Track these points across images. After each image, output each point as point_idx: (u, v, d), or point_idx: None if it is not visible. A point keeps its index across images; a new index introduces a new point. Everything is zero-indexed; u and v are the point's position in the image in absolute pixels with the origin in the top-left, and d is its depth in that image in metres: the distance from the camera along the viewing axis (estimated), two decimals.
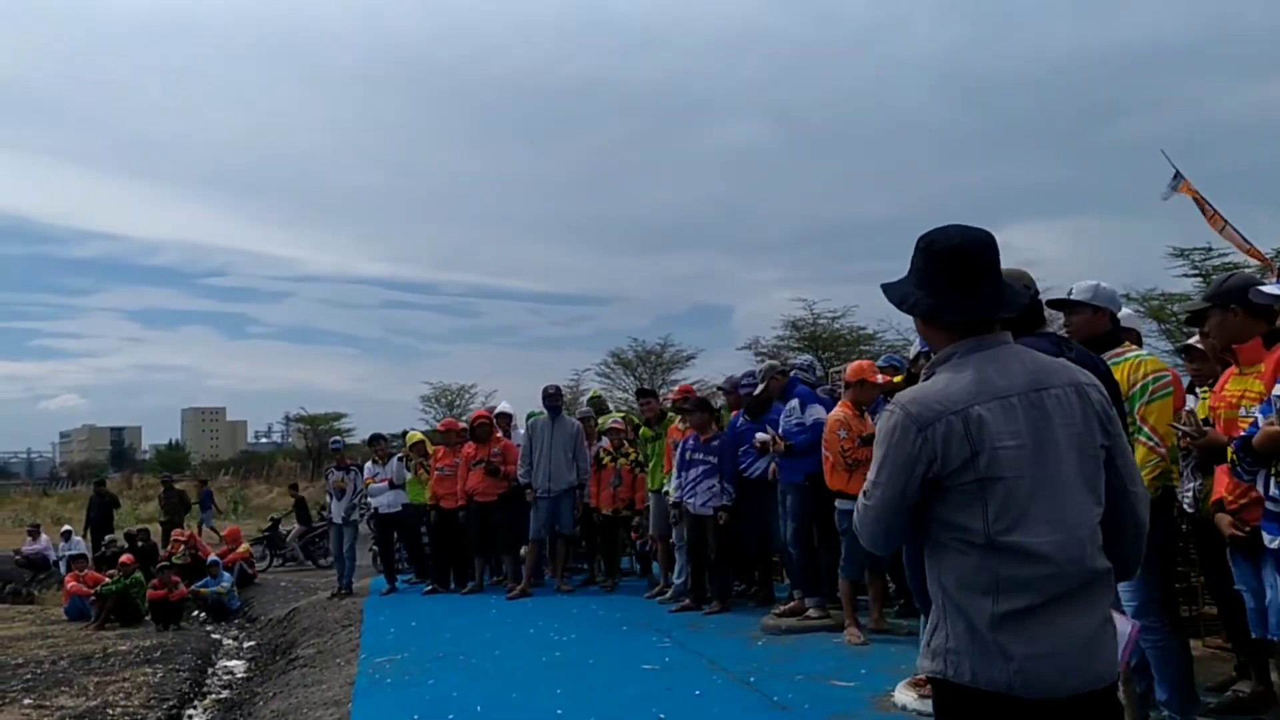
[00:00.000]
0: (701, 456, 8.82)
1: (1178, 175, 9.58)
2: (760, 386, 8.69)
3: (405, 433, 13.91)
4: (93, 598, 13.90)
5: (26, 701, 9.01)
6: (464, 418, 16.11)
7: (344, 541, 12.54)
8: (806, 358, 11.98)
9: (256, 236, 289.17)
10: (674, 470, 9.45)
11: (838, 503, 7.27)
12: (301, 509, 20.30)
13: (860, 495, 2.35)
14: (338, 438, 16.39)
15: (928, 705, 5.38)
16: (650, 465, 10.35)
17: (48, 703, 8.98)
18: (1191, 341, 5.33)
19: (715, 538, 8.81)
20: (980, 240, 2.36)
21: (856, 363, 7.93)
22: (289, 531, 19.77)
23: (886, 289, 2.45)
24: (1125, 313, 5.24)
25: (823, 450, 7.32)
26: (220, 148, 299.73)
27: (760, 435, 8.30)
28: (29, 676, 10.24)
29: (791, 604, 8.10)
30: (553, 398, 11.14)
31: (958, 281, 2.32)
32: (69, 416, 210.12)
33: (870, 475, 2.31)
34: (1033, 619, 2.16)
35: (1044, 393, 2.27)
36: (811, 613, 7.85)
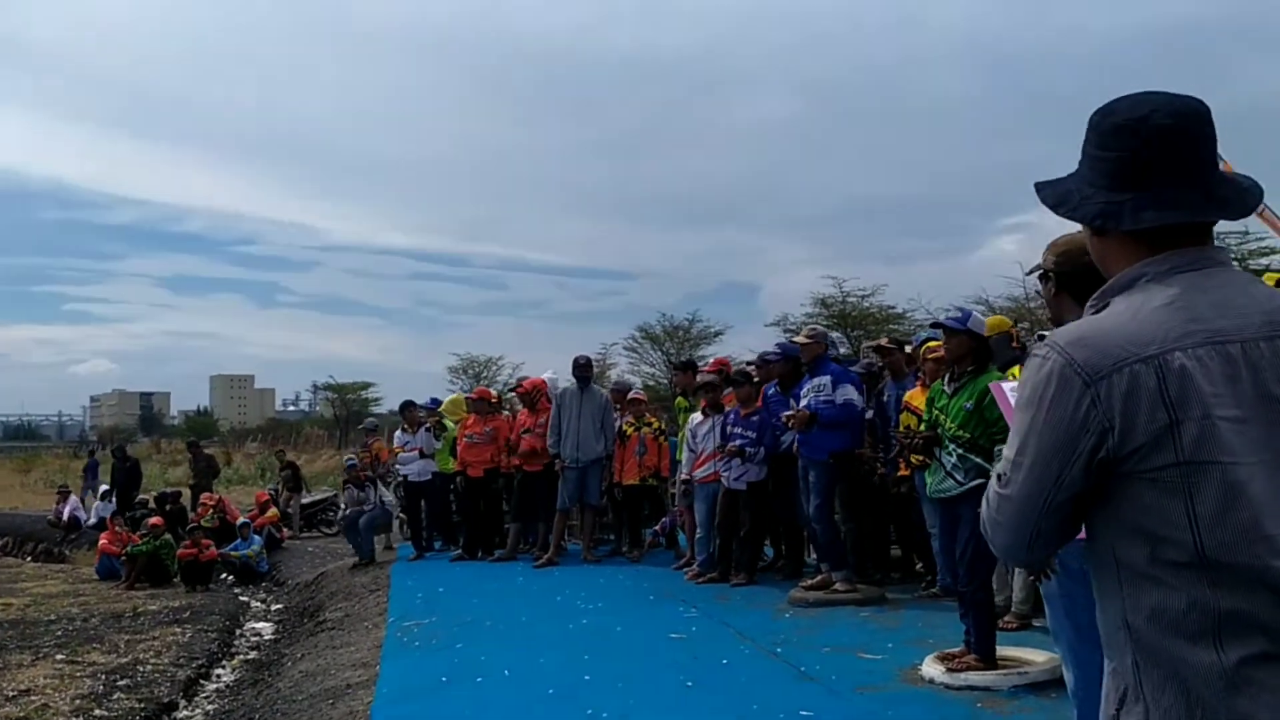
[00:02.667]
0: (741, 431, 8.83)
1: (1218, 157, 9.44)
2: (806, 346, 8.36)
3: (431, 401, 13.86)
4: (123, 558, 14.07)
5: (59, 657, 9.15)
6: (492, 389, 16.14)
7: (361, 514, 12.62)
8: (835, 335, 11.91)
9: (286, 205, 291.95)
10: (685, 446, 9.52)
11: None
12: (295, 476, 19.80)
13: (992, 480, 1.61)
14: (373, 419, 16.48)
15: (954, 679, 5.38)
16: (680, 436, 10.36)
17: (79, 658, 9.11)
18: None
19: (748, 512, 8.83)
20: (1184, 110, 1.58)
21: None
22: (288, 500, 19.20)
23: (1041, 187, 1.72)
24: None
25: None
26: (252, 116, 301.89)
27: (787, 413, 8.28)
28: (61, 633, 10.41)
29: (819, 578, 8.10)
30: (583, 369, 11.15)
31: (1148, 171, 1.56)
32: (99, 381, 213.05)
33: (1007, 452, 1.57)
34: None
35: None
36: (838, 586, 7.84)
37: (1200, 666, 1.43)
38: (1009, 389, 2.48)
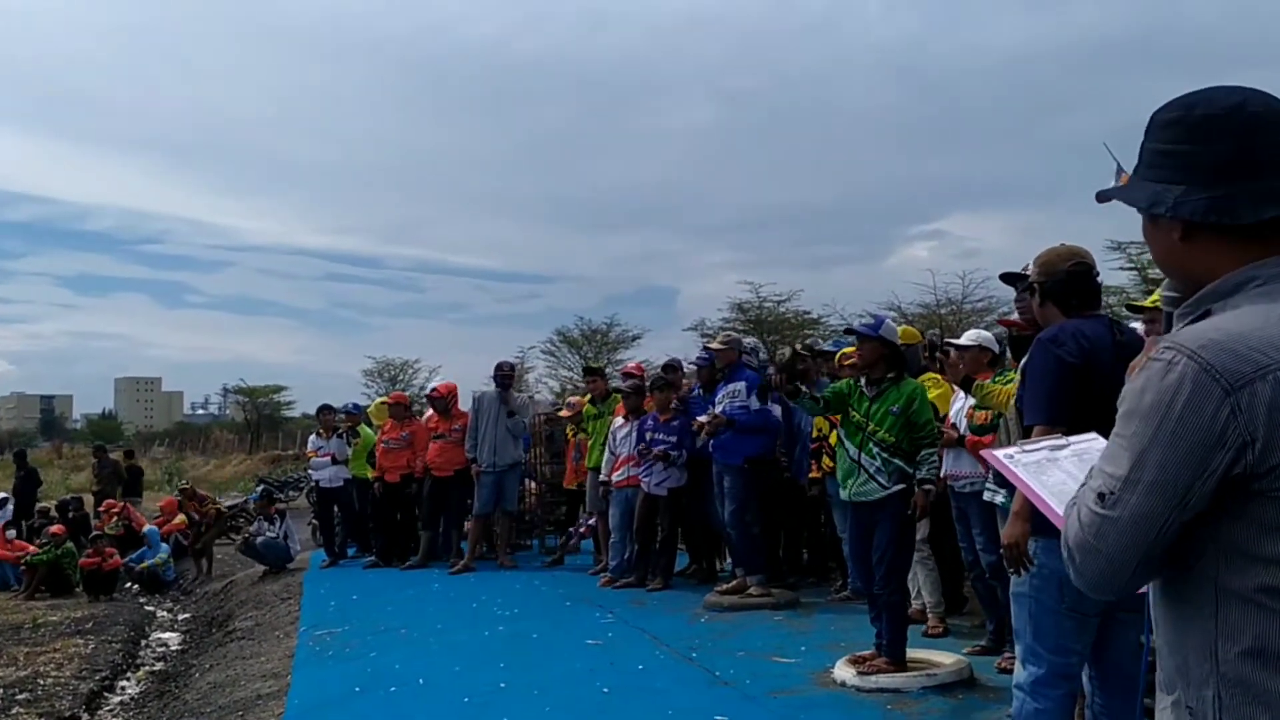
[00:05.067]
0: (662, 436, 8.88)
1: (1120, 169, 9.77)
2: (721, 351, 8.46)
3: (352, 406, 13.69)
4: (22, 567, 13.61)
5: None
6: (408, 393, 16.00)
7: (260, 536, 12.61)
8: (752, 340, 12.05)
9: (196, 204, 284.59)
10: (607, 449, 9.57)
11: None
12: (133, 480, 18.93)
13: (1089, 502, 1.42)
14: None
15: (866, 682, 5.48)
16: (590, 443, 10.38)
17: None
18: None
19: (666, 518, 8.89)
20: (1272, 100, 1.47)
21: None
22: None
23: (1118, 193, 1.60)
24: None
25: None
26: (160, 111, 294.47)
27: (700, 418, 8.34)
28: None
29: (734, 582, 8.18)
30: (507, 375, 11.13)
31: (1254, 161, 1.43)
32: None
33: (1116, 469, 1.39)
34: None
35: None
36: (753, 591, 7.92)
37: None
38: (1004, 455, 2.27)
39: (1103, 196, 1.62)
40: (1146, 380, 1.37)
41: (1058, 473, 2.17)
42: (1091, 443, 2.30)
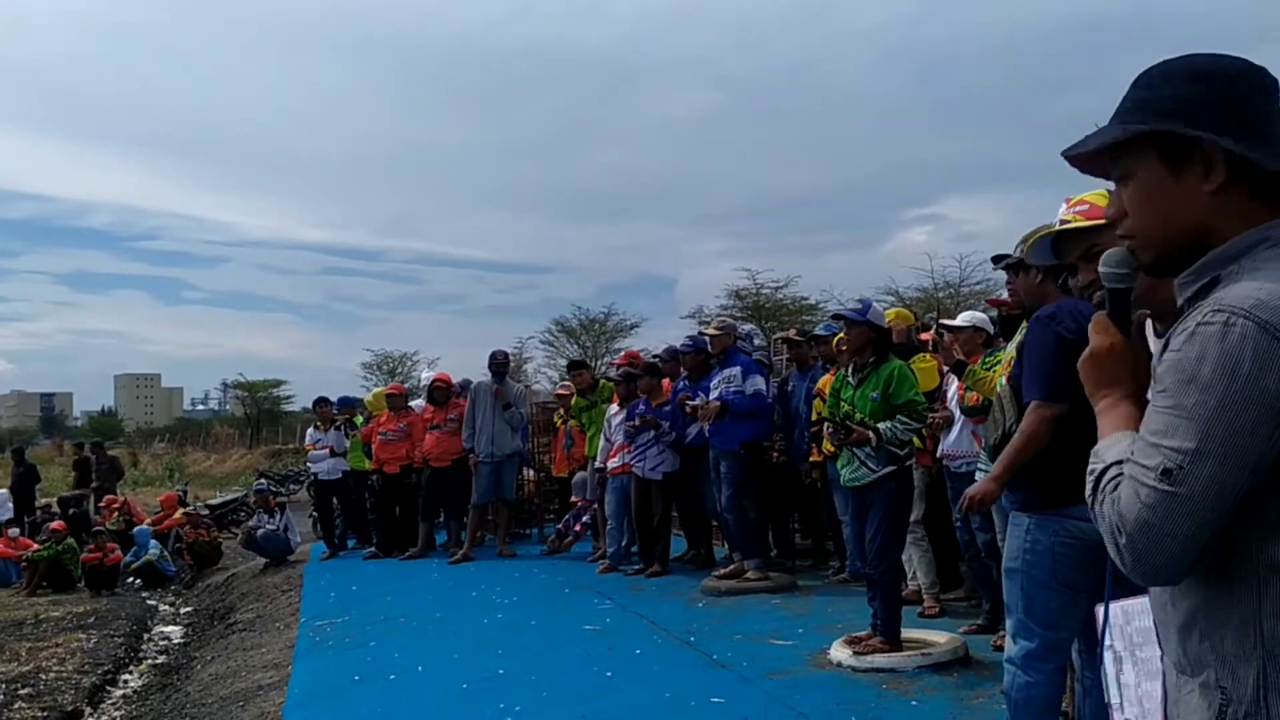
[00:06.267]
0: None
1: None
2: (714, 337, 8.54)
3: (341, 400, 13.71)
4: (23, 563, 13.64)
5: None
6: (406, 384, 16.02)
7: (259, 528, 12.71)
8: (748, 326, 12.06)
9: (192, 200, 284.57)
10: (602, 437, 9.61)
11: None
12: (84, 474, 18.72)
13: (1150, 481, 1.30)
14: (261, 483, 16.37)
15: (861, 662, 5.51)
16: (589, 433, 10.39)
17: None
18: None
19: (661, 503, 8.92)
20: (1263, 70, 1.44)
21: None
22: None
23: (1096, 140, 1.50)
24: None
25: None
26: (156, 108, 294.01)
27: (691, 402, 8.33)
28: None
29: (731, 566, 8.21)
30: (501, 365, 11.14)
31: (1251, 120, 1.38)
32: None
33: (1180, 442, 1.29)
34: None
35: None
36: (750, 575, 7.95)
37: None
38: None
39: (1074, 150, 1.51)
40: (1203, 346, 1.29)
41: None
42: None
